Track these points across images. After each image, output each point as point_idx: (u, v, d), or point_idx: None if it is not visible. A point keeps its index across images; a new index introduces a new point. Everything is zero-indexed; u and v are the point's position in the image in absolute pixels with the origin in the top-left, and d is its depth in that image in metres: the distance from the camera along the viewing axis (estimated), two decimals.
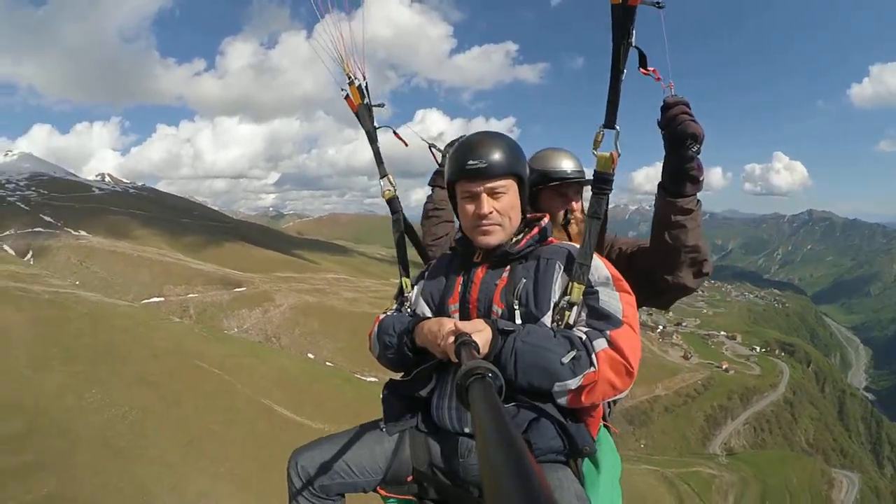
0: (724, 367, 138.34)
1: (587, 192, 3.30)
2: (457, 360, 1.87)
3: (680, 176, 2.60)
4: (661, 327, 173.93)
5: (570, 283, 2.31)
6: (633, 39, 2.28)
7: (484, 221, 2.43)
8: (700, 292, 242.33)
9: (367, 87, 3.27)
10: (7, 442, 19.69)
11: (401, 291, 2.90)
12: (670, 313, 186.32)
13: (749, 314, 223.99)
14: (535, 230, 2.55)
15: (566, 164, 3.36)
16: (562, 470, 2.15)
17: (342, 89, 3.29)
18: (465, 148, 2.44)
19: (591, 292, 2.30)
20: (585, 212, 2.61)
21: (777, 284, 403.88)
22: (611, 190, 2.49)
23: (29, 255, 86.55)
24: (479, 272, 2.51)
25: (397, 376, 2.61)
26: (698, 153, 2.55)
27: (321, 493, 2.53)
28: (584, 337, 2.15)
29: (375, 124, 3.29)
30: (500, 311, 2.36)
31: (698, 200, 2.69)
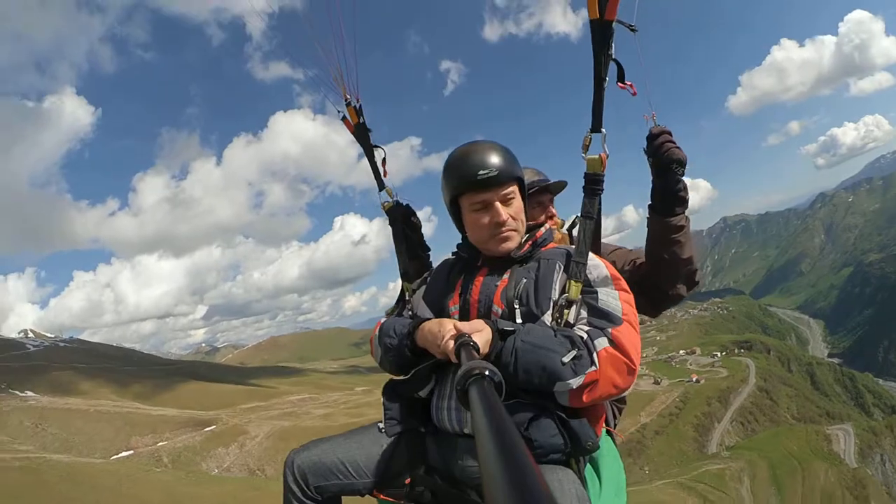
0: (694, 379, 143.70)
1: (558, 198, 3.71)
2: (457, 361, 1.89)
3: (670, 198, 2.78)
4: None
5: (568, 282, 2.35)
6: (612, 52, 2.45)
7: (504, 228, 2.46)
8: (649, 322, 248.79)
9: (361, 107, 3.34)
10: None
11: (402, 296, 2.95)
12: None
13: (699, 328, 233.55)
14: (538, 235, 2.62)
15: (530, 176, 3.49)
16: (562, 471, 2.09)
17: (339, 111, 3.38)
18: (468, 159, 2.45)
19: (590, 291, 2.32)
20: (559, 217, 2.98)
21: (716, 293, 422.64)
22: (602, 190, 2.59)
23: None
24: (480, 275, 2.55)
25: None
26: (683, 175, 2.76)
27: (317, 495, 2.49)
28: (584, 336, 2.16)
29: (372, 142, 3.33)
30: (500, 311, 2.37)
31: (687, 217, 2.85)
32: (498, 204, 2.45)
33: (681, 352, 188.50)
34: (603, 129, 2.53)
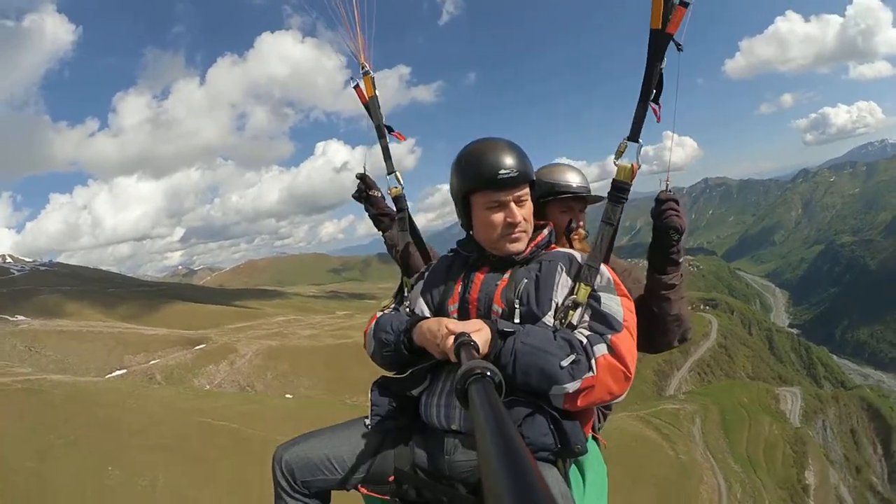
0: None
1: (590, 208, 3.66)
2: (457, 360, 1.94)
3: (664, 258, 2.84)
4: None
5: (577, 285, 2.37)
6: (664, 66, 2.47)
7: (516, 230, 2.49)
8: None
9: (374, 79, 3.32)
10: None
11: (400, 290, 2.96)
12: None
13: None
14: (541, 237, 2.63)
15: (573, 179, 3.49)
16: (548, 469, 2.16)
17: (351, 79, 3.35)
18: (488, 157, 2.45)
19: (593, 295, 2.35)
20: (586, 229, 3.04)
21: (689, 251, 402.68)
22: (626, 199, 2.60)
23: None
24: (480, 274, 2.56)
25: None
26: (679, 241, 2.79)
27: (304, 490, 2.55)
28: (584, 341, 2.19)
29: (383, 119, 3.31)
30: (500, 311, 2.39)
31: (681, 275, 2.91)
32: (513, 205, 2.47)
33: None
34: (640, 140, 2.54)
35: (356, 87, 3.33)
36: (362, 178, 3.64)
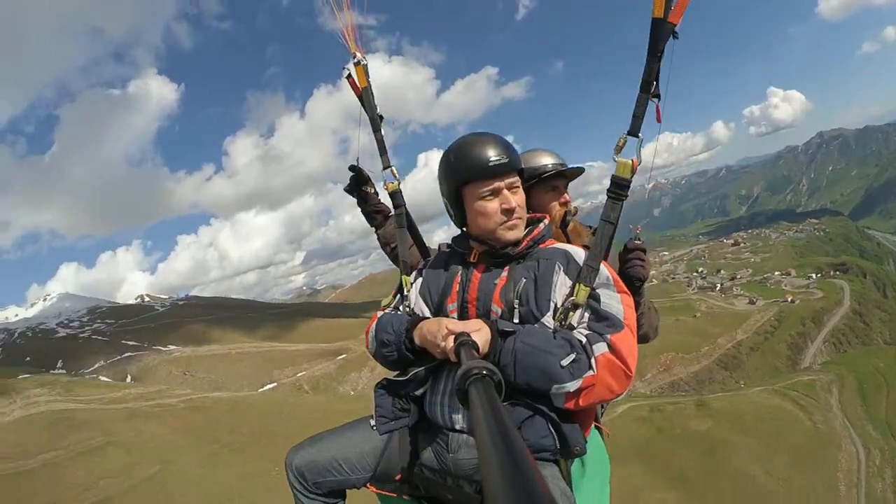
0: (788, 299, 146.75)
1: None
2: (457, 360, 1.93)
3: None
4: (718, 285, 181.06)
5: (577, 285, 2.31)
6: (663, 56, 2.40)
7: (513, 216, 2.45)
8: (743, 244, 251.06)
9: (367, 68, 3.21)
10: None
11: (400, 289, 2.90)
12: (721, 271, 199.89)
13: (794, 250, 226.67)
14: (536, 231, 2.57)
15: (547, 159, 3.42)
16: (549, 467, 2.17)
17: (344, 68, 3.23)
18: (477, 147, 2.44)
19: (593, 294, 2.30)
20: (574, 206, 2.99)
21: (812, 214, 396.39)
22: (626, 196, 2.52)
23: (129, 379, 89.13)
24: (477, 272, 2.52)
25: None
26: (641, 286, 2.86)
27: (316, 490, 2.60)
28: (584, 340, 2.16)
29: (379, 112, 3.19)
30: (499, 311, 2.36)
31: (641, 303, 2.93)
32: (507, 191, 2.45)
33: (776, 273, 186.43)
34: (640, 135, 2.47)
35: (349, 77, 3.23)
36: (355, 170, 3.47)
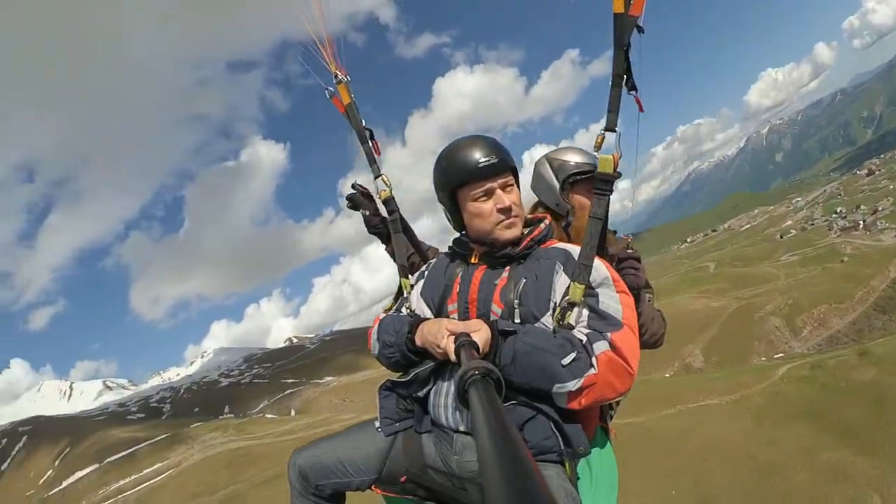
0: None
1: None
2: (457, 360, 1.93)
3: None
4: (861, 222, 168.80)
5: (571, 284, 2.30)
6: (630, 50, 2.42)
7: (509, 215, 2.46)
8: (878, 172, 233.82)
9: (349, 84, 3.26)
10: None
11: (400, 292, 2.92)
12: (861, 207, 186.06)
13: None
14: (537, 231, 2.57)
15: (583, 158, 3.32)
16: (554, 468, 2.13)
17: (327, 88, 3.25)
18: (466, 150, 2.47)
19: (591, 293, 2.28)
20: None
21: None
22: (612, 191, 2.51)
23: (293, 413, 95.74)
24: (478, 273, 2.52)
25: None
26: (638, 294, 2.80)
27: (317, 493, 2.58)
28: (584, 339, 2.15)
29: (363, 124, 3.23)
30: (499, 311, 2.36)
31: (650, 298, 3.01)
32: (500, 191, 2.46)
33: None
34: (618, 129, 2.49)
35: (333, 97, 3.28)
36: (358, 191, 3.51)
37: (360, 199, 3.48)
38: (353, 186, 3.51)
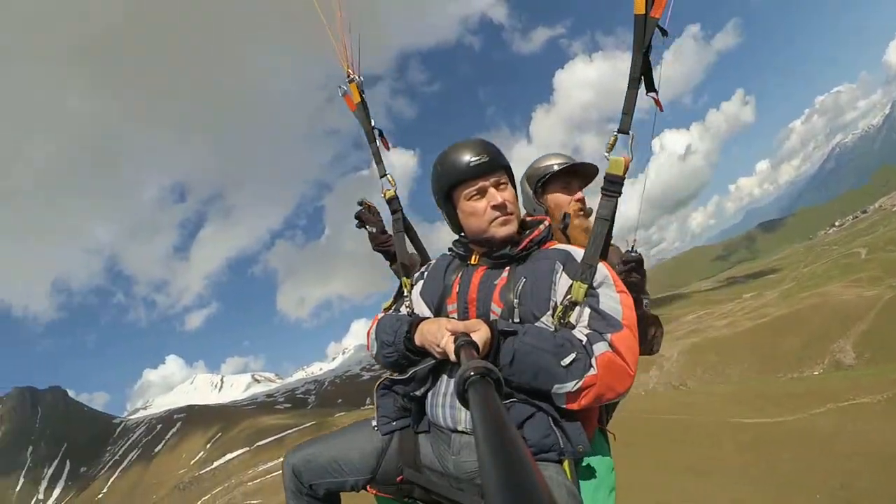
0: None
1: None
2: (457, 360, 1.89)
3: None
4: None
5: (574, 284, 2.27)
6: (650, 52, 2.42)
7: (502, 212, 2.45)
8: None
9: (363, 84, 3.25)
10: None
11: (400, 292, 2.89)
12: None
13: None
14: (537, 232, 2.55)
15: (552, 160, 3.40)
16: (554, 467, 2.09)
17: (340, 87, 3.26)
18: (458, 152, 2.47)
19: (591, 293, 2.26)
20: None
21: None
22: (620, 193, 2.51)
23: None
24: (478, 273, 2.51)
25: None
26: (636, 296, 2.73)
27: (311, 493, 2.55)
28: (584, 339, 2.13)
29: (373, 124, 3.23)
30: (499, 311, 2.34)
31: (647, 303, 2.99)
32: (493, 189, 2.45)
33: None
34: (631, 132, 2.46)
35: (345, 95, 3.27)
36: (364, 207, 3.53)
37: (366, 216, 3.53)
38: (360, 203, 3.54)
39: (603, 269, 2.33)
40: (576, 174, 3.42)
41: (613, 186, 2.51)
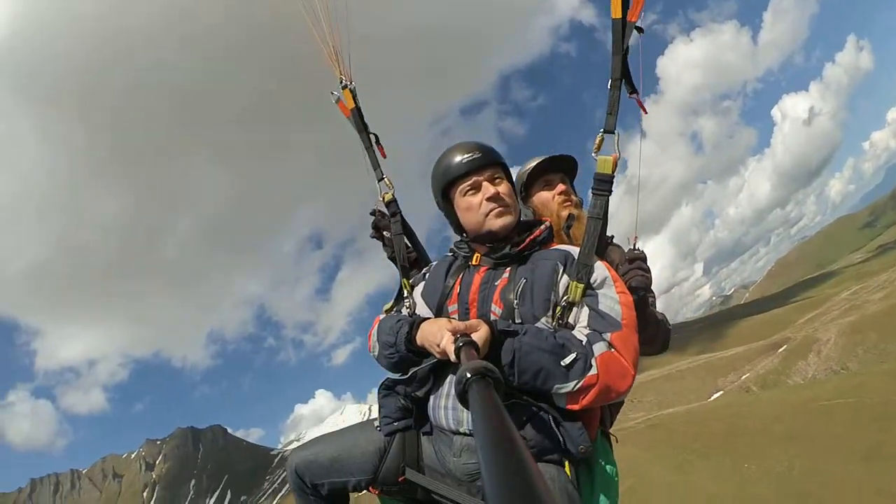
0: None
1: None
2: (457, 361, 1.90)
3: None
4: None
5: (571, 284, 2.31)
6: (628, 53, 2.51)
7: (497, 203, 2.52)
8: None
9: (356, 90, 3.26)
10: None
11: (400, 293, 2.89)
12: None
13: None
14: (538, 232, 2.60)
15: (531, 162, 3.47)
16: (555, 469, 2.13)
17: (332, 93, 3.27)
18: (452, 152, 2.60)
19: (590, 293, 2.29)
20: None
21: None
22: (610, 192, 2.53)
23: None
24: (479, 274, 2.54)
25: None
26: (644, 294, 2.74)
27: (314, 493, 2.58)
28: (584, 340, 2.15)
29: (369, 129, 3.24)
30: (499, 312, 2.36)
31: (650, 303, 2.89)
32: (487, 183, 2.53)
33: None
34: (616, 131, 2.53)
35: (338, 101, 3.31)
36: (377, 216, 3.40)
37: (382, 223, 3.38)
38: (372, 213, 3.42)
39: (602, 269, 2.38)
40: (553, 170, 3.45)
41: (603, 185, 2.54)
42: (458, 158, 2.57)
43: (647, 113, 2.65)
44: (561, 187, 3.41)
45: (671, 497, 27.54)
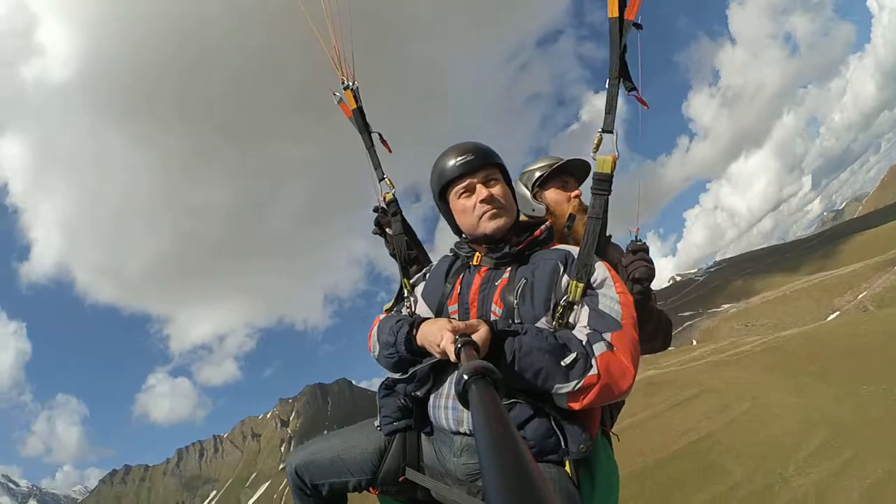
0: None
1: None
2: (457, 361, 1.88)
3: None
4: None
5: (571, 283, 2.31)
6: (626, 52, 2.45)
7: (490, 205, 2.51)
8: None
9: (358, 90, 3.27)
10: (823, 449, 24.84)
11: (401, 293, 2.89)
12: None
13: None
14: (538, 232, 2.60)
15: (542, 162, 3.52)
16: (555, 469, 2.12)
17: (335, 94, 3.28)
18: (447, 155, 2.59)
19: (590, 293, 2.30)
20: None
21: None
22: (609, 191, 2.49)
23: (694, 343, 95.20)
24: (479, 274, 2.54)
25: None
26: (644, 285, 2.78)
27: (314, 494, 2.59)
28: (584, 339, 2.14)
29: (370, 128, 3.24)
30: (499, 312, 2.36)
31: (652, 297, 2.92)
32: (481, 185, 2.53)
33: None
34: (615, 130, 2.47)
35: (340, 102, 3.30)
36: (380, 213, 3.37)
37: (385, 220, 3.34)
38: (375, 209, 3.38)
39: (602, 269, 2.39)
40: (570, 172, 3.51)
41: (602, 185, 2.50)
42: (452, 161, 2.56)
43: (648, 108, 2.58)
44: (577, 191, 3.49)
45: (788, 420, 28.46)
